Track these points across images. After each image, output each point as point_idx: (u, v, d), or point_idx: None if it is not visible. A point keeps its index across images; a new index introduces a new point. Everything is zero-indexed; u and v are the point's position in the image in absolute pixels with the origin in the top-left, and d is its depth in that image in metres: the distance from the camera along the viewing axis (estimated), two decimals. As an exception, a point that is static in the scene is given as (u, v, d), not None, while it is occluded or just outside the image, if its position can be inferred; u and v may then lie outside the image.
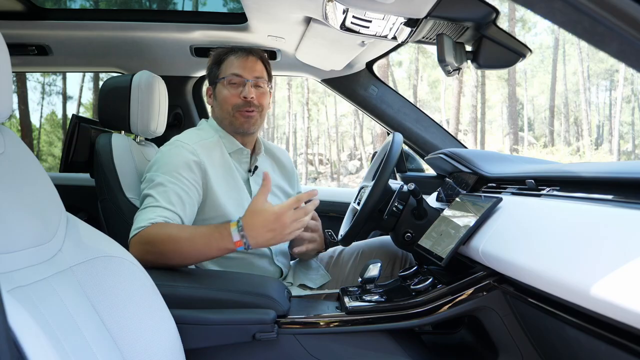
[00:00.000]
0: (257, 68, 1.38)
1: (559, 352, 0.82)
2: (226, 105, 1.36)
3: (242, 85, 1.35)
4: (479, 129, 20.42)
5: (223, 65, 1.39)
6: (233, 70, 1.36)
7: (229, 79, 1.36)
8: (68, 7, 4.74)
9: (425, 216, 1.25)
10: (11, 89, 0.75)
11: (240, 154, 1.40)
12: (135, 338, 0.78)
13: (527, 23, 23.19)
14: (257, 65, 1.38)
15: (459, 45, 1.23)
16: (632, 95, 23.62)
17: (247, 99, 1.34)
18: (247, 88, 1.35)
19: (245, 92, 1.34)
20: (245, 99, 1.34)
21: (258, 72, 1.38)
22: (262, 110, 1.39)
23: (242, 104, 1.35)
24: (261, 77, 1.38)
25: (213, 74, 1.41)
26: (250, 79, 1.36)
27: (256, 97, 1.36)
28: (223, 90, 1.37)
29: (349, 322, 1.02)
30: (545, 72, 26.03)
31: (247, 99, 1.34)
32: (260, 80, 1.38)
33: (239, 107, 1.35)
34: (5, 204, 0.71)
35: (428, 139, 2.00)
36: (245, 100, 1.34)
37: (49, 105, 24.94)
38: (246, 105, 1.35)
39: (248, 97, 1.34)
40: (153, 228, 1.09)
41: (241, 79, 1.36)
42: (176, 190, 1.19)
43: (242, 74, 1.36)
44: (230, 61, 1.38)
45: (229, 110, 1.36)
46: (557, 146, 21.58)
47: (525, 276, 0.76)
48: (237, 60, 1.37)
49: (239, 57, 1.37)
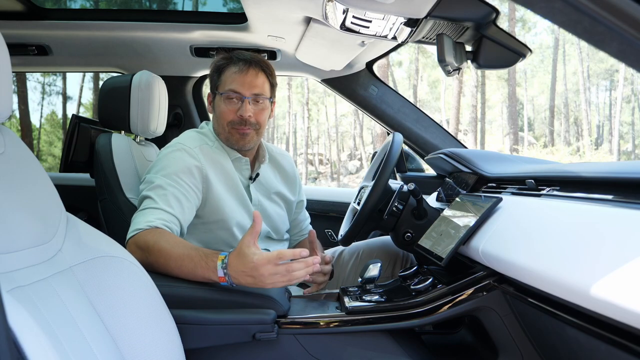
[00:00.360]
0: (257, 83, 1.31)
1: (559, 352, 0.82)
2: (222, 120, 1.33)
3: (240, 102, 1.31)
4: (479, 129, 20.42)
5: (223, 76, 1.33)
6: (231, 85, 1.30)
7: (227, 94, 1.31)
8: (68, 7, 4.74)
9: (425, 216, 1.25)
10: (11, 89, 0.75)
11: (239, 162, 1.38)
12: (135, 338, 0.78)
13: (527, 23, 23.20)
14: (257, 79, 1.31)
15: (459, 45, 1.23)
16: (632, 95, 23.62)
17: (243, 118, 1.30)
18: (245, 106, 1.30)
19: (242, 111, 1.30)
20: (241, 117, 1.30)
21: (258, 89, 1.31)
22: (259, 128, 1.34)
23: (237, 121, 1.31)
24: (261, 93, 1.32)
25: (213, 83, 1.36)
26: (248, 97, 1.30)
27: (254, 114, 1.31)
28: (220, 104, 1.33)
29: (349, 322, 1.02)
30: (545, 72, 26.04)
31: (244, 117, 1.30)
32: (260, 97, 1.32)
33: (234, 124, 1.31)
34: (5, 204, 0.71)
35: (428, 139, 2.00)
36: (241, 118, 1.30)
37: (49, 105, 24.99)
38: (242, 123, 1.31)
39: (244, 116, 1.29)
40: (150, 234, 1.07)
41: (239, 96, 1.30)
42: (175, 193, 1.19)
43: (240, 91, 1.30)
44: (229, 74, 1.31)
45: (224, 125, 1.33)
46: (557, 146, 21.58)
47: (525, 276, 0.76)
48: (237, 75, 1.30)
49: (238, 70, 1.30)
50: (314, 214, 1.71)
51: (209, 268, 0.98)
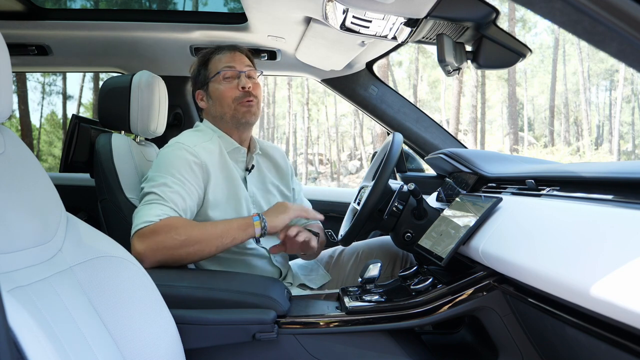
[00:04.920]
0: (245, 60, 1.41)
1: (559, 352, 0.82)
2: (226, 100, 1.36)
3: (237, 78, 1.37)
4: (479, 129, 20.42)
5: (210, 64, 1.40)
6: (224, 64, 1.38)
7: (223, 73, 1.37)
8: (68, 7, 4.74)
9: (425, 216, 1.25)
10: (11, 89, 0.75)
11: (237, 153, 1.39)
12: (135, 338, 0.78)
13: (527, 23, 23.20)
14: (244, 58, 1.41)
15: (459, 45, 1.23)
16: (632, 95, 23.61)
17: (245, 89, 1.35)
18: (243, 79, 1.36)
19: (243, 83, 1.35)
20: (243, 89, 1.35)
21: (248, 63, 1.41)
22: (258, 102, 1.40)
23: (241, 95, 1.36)
24: (252, 67, 1.41)
25: (202, 76, 1.41)
26: (243, 70, 1.37)
27: (252, 87, 1.37)
28: (219, 87, 1.37)
29: (349, 322, 1.02)
30: (545, 72, 26.03)
31: (245, 89, 1.35)
32: (252, 71, 1.40)
33: (239, 99, 1.36)
34: (5, 204, 0.71)
35: (428, 139, 2.00)
36: (244, 91, 1.35)
37: (49, 105, 24.96)
38: (246, 95, 1.36)
39: (246, 87, 1.35)
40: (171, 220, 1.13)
41: (235, 71, 1.37)
42: (179, 190, 1.20)
43: (235, 66, 1.38)
44: (217, 59, 1.40)
45: (230, 103, 1.36)
46: (557, 146, 21.56)
47: (525, 276, 0.76)
48: (225, 56, 1.39)
49: (225, 53, 1.40)
50: (314, 214, 1.71)
51: (248, 235, 1.19)
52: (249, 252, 1.34)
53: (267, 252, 1.37)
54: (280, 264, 1.42)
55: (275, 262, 1.40)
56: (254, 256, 1.35)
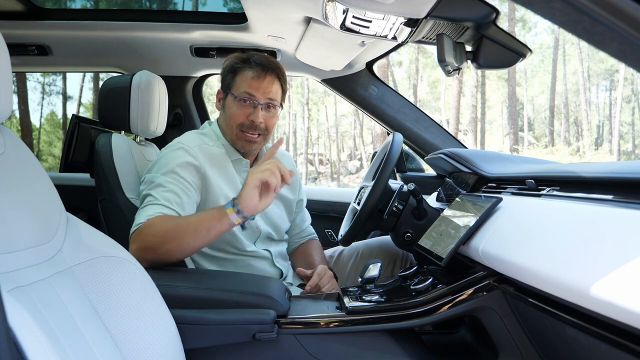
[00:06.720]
0: (271, 89, 1.31)
1: (559, 352, 0.82)
2: (232, 122, 1.32)
3: (253, 107, 1.30)
4: (479, 129, 20.42)
5: (238, 77, 1.31)
6: (247, 88, 1.29)
7: (241, 97, 1.30)
8: (68, 7, 4.74)
9: (425, 216, 1.25)
10: (11, 89, 0.75)
11: (239, 164, 1.38)
12: (135, 338, 0.78)
13: (527, 23, 23.20)
14: (272, 86, 1.31)
15: (459, 45, 1.23)
16: (632, 95, 23.61)
17: (254, 123, 1.30)
18: (257, 112, 1.29)
19: (254, 116, 1.29)
20: (252, 122, 1.30)
21: (272, 94, 1.31)
22: (267, 134, 1.35)
23: (248, 125, 1.30)
24: (274, 99, 1.32)
25: (226, 82, 1.34)
26: (262, 102, 1.30)
27: (264, 120, 1.31)
28: (232, 106, 1.32)
29: (349, 322, 1.02)
30: (545, 72, 26.02)
31: (255, 122, 1.29)
32: (273, 102, 1.32)
33: (243, 128, 1.31)
34: (5, 204, 0.71)
35: (428, 139, 2.00)
36: (252, 123, 1.30)
37: (49, 105, 24.98)
38: (252, 127, 1.30)
39: (256, 122, 1.29)
40: (152, 219, 1.11)
41: (253, 101, 1.30)
42: (175, 190, 1.19)
43: (255, 95, 1.29)
44: (245, 75, 1.30)
45: (233, 128, 1.32)
46: (557, 146, 21.56)
47: (525, 276, 0.76)
48: (253, 80, 1.29)
49: (255, 76, 1.29)
50: (314, 214, 1.71)
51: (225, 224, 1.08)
52: (249, 254, 1.34)
53: (268, 254, 1.37)
54: (282, 266, 1.41)
55: (277, 264, 1.39)
56: (255, 257, 1.35)
